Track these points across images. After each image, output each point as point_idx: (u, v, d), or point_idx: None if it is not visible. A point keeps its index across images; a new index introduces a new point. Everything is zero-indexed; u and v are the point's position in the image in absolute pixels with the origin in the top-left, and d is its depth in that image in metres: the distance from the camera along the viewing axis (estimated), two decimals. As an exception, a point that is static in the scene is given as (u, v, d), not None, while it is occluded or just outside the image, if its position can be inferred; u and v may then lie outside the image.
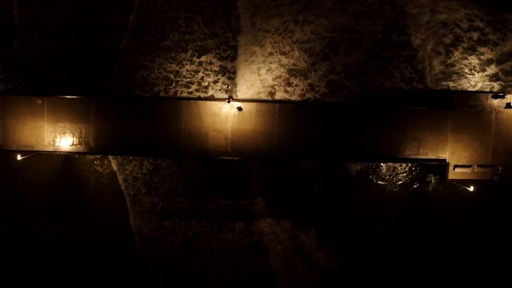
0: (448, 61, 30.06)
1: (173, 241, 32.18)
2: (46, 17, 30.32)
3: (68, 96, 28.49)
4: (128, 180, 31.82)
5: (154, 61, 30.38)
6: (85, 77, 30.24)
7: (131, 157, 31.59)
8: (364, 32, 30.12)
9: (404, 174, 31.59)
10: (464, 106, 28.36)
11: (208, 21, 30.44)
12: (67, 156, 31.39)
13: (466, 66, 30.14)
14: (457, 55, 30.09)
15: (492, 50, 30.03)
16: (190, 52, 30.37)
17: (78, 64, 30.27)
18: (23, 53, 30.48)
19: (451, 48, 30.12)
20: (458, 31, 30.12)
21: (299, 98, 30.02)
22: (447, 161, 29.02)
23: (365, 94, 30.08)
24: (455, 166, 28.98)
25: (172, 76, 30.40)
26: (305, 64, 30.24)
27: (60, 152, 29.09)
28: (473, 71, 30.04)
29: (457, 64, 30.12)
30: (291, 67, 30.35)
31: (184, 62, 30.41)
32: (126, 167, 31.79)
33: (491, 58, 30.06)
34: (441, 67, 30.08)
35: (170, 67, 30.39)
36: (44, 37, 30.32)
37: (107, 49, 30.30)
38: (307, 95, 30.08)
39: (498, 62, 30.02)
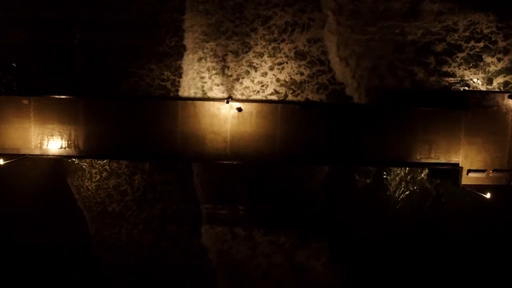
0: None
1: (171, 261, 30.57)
2: (31, 13, 28.38)
3: (56, 96, 26.65)
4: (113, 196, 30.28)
5: (143, 68, 28.76)
6: (74, 76, 28.48)
7: (119, 171, 29.98)
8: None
9: (412, 179, 29.91)
10: (478, 106, 26.64)
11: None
12: (57, 160, 29.70)
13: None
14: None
15: (499, 61, 28.25)
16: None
17: (66, 62, 28.48)
18: (7, 50, 28.57)
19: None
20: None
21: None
22: (460, 165, 27.29)
23: (373, 97, 28.47)
24: (469, 171, 27.24)
25: (169, 86, 28.81)
26: (299, 75, 28.58)
27: (48, 155, 27.22)
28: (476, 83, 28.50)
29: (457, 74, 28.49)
30: (284, 79, 28.62)
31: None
32: (110, 181, 30.15)
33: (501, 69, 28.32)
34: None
35: (165, 75, 28.76)
36: (30, 33, 28.42)
37: (94, 49, 28.55)
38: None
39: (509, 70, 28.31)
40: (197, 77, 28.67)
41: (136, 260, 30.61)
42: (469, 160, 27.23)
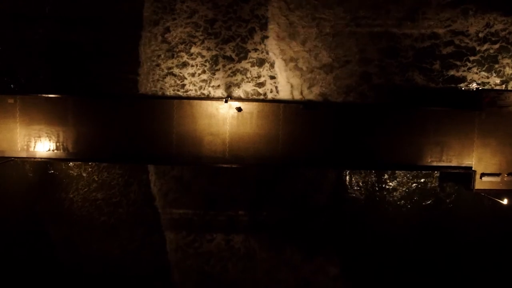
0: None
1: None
2: (17, 5, 26.71)
3: (44, 95, 25.03)
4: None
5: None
6: (63, 73, 26.77)
7: (112, 183, 28.13)
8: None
9: (423, 185, 28.25)
10: (493, 106, 25.11)
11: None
12: (45, 163, 27.99)
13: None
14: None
15: None
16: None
17: (54, 59, 26.77)
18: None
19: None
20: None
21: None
22: (473, 168, 25.71)
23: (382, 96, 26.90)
24: (482, 175, 25.68)
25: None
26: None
27: (35, 158, 25.56)
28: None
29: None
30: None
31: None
32: (96, 194, 28.25)
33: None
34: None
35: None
36: (15, 27, 26.78)
37: (84, 44, 26.82)
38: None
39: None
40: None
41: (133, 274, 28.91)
42: (483, 163, 25.68)
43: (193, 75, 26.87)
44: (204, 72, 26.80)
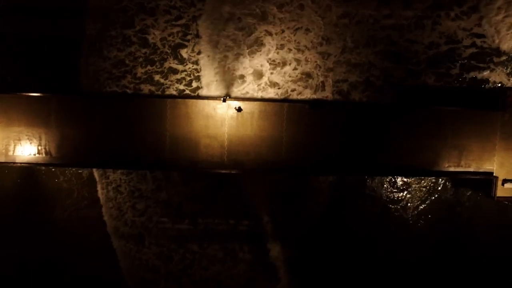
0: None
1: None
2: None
3: (24, 94, 22.91)
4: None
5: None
6: (45, 70, 24.58)
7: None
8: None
9: (437, 194, 26.03)
10: (517, 106, 23.10)
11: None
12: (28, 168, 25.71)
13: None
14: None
15: None
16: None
17: (35, 54, 24.61)
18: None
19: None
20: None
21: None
22: (494, 174, 23.57)
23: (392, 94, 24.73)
24: (504, 181, 23.55)
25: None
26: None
27: (15, 163, 23.40)
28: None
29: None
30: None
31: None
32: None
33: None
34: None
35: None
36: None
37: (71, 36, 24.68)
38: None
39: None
40: None
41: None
42: (505, 169, 23.55)
43: (179, 81, 24.75)
44: (197, 79, 24.67)
